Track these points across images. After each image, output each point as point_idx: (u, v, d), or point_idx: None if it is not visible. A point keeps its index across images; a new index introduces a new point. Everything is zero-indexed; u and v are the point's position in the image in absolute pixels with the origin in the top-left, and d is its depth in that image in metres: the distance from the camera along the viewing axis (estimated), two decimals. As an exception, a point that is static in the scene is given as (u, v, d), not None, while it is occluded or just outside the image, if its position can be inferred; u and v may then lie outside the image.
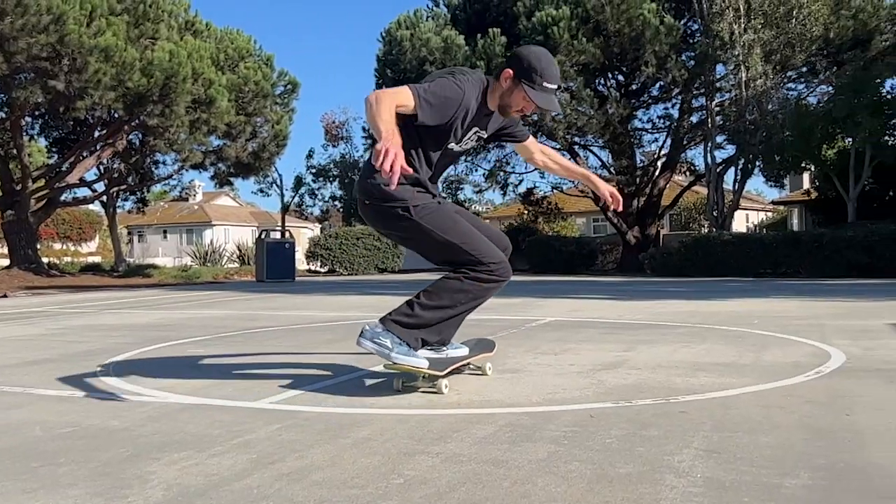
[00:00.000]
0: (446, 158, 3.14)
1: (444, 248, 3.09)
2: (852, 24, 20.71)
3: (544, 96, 2.94)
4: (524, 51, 3.03)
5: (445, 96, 2.85)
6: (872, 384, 3.08)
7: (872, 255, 15.08)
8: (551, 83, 2.94)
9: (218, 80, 17.48)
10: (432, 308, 3.08)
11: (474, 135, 3.09)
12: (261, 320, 6.80)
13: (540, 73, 2.91)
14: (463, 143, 3.08)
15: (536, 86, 2.91)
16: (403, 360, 2.95)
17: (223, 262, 25.60)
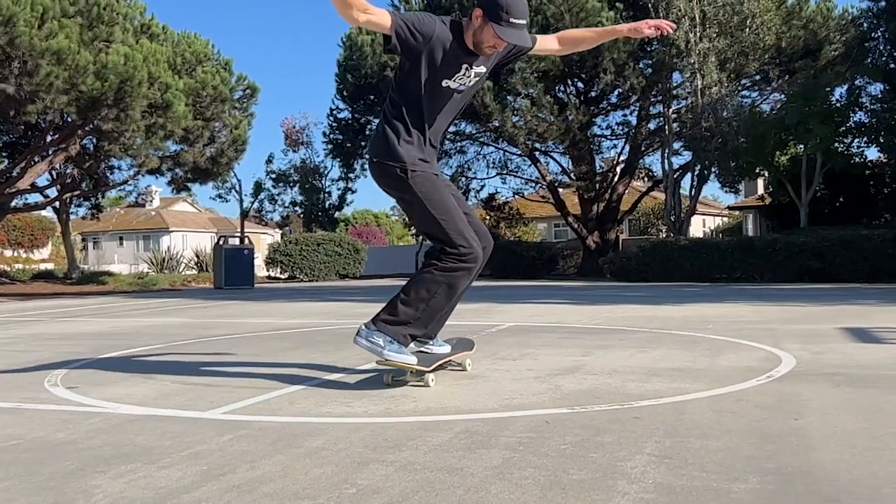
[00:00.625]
0: (446, 104, 3.20)
1: (426, 219, 3.24)
2: (803, 34, 21.31)
3: (512, 32, 3.03)
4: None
5: (419, 18, 3.05)
6: (820, 388, 3.15)
7: (824, 260, 15.46)
8: (519, 18, 3.03)
9: (175, 84, 17.19)
10: (412, 302, 3.24)
11: (469, 72, 3.16)
12: (217, 328, 6.69)
13: (506, 10, 3.00)
14: (457, 80, 3.14)
15: (504, 22, 3.00)
16: (395, 357, 3.18)
17: (181, 268, 25.19)
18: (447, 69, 3.10)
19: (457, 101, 3.26)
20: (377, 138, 3.26)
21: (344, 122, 25.90)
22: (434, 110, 3.19)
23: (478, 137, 26.32)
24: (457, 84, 3.16)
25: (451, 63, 3.10)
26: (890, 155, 20.48)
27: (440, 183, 3.26)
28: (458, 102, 3.28)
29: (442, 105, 3.21)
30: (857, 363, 3.81)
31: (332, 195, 28.43)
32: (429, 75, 3.10)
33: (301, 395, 3.25)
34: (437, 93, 3.15)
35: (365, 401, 3.07)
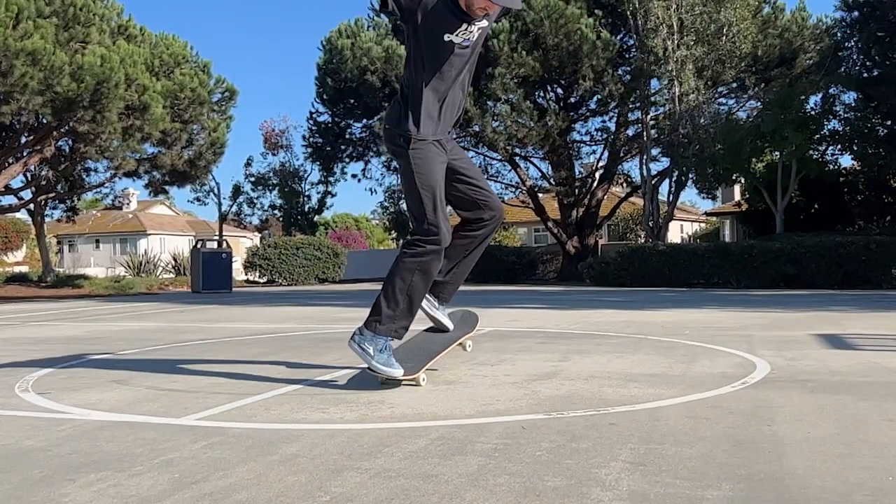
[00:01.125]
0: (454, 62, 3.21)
1: (411, 193, 3.33)
2: (779, 43, 21.59)
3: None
4: None
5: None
6: (793, 395, 3.18)
7: (799, 266, 15.64)
8: None
9: (152, 86, 17.04)
10: (391, 296, 3.36)
11: (471, 27, 3.17)
12: (193, 333, 6.63)
13: None
14: (460, 35, 3.16)
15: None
16: (381, 369, 3.29)
17: (158, 272, 24.93)
18: (446, 24, 3.14)
19: (463, 58, 3.26)
20: (392, 107, 3.41)
21: (324, 125, 25.82)
22: (442, 70, 3.22)
23: (458, 142, 26.22)
24: (460, 39, 3.19)
25: (450, 20, 3.14)
26: (863, 163, 20.79)
27: (437, 163, 3.31)
28: (465, 61, 3.28)
29: (449, 63, 3.22)
30: (830, 370, 3.85)
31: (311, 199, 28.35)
32: (429, 33, 3.16)
33: (276, 402, 3.22)
34: (441, 49, 3.18)
35: (341, 407, 3.06)
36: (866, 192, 22.38)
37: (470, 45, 3.25)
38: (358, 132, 25.90)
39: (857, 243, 15.39)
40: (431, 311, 3.78)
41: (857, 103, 18.97)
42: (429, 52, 3.21)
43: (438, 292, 3.75)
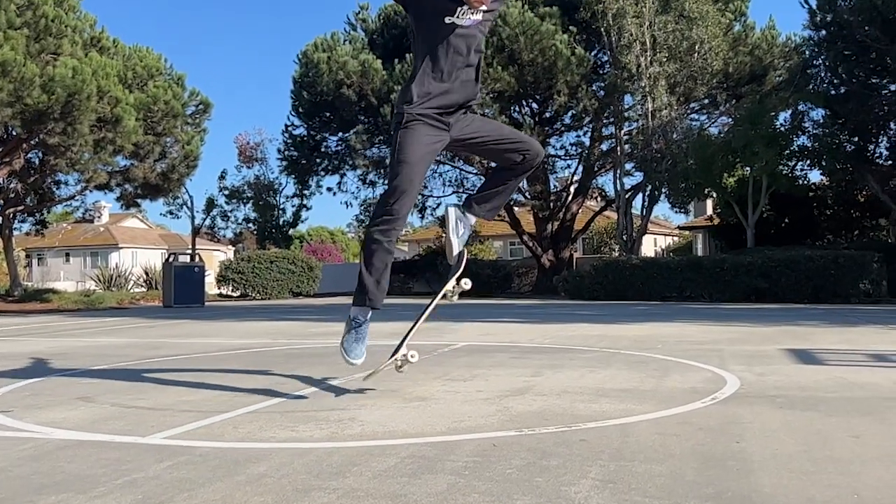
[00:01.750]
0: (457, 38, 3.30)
1: (391, 163, 3.44)
2: (749, 60, 22.00)
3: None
4: None
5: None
6: (762, 411, 3.20)
7: (769, 280, 15.84)
8: None
9: (125, 98, 16.89)
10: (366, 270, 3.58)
11: (470, 11, 3.28)
12: (163, 349, 6.53)
13: None
14: (460, 16, 3.26)
15: None
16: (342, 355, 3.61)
17: (129, 286, 24.58)
18: (445, 6, 3.26)
19: (467, 39, 3.35)
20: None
21: (299, 138, 25.75)
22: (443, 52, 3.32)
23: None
24: (461, 20, 3.28)
25: (447, 4, 3.26)
26: (832, 178, 21.19)
27: (420, 144, 3.37)
28: (469, 42, 3.37)
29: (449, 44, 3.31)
30: (798, 385, 3.89)
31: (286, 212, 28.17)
32: (430, 16, 3.31)
33: (245, 419, 3.17)
34: (442, 31, 3.29)
35: (311, 425, 3.02)
36: (835, 207, 22.81)
37: (472, 25, 3.33)
38: (334, 145, 25.89)
39: (826, 257, 15.64)
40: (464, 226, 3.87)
41: (825, 120, 19.33)
42: (428, 34, 3.33)
43: (468, 207, 3.86)
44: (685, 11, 19.90)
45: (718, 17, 20.69)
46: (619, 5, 19.99)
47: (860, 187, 21.08)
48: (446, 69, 3.34)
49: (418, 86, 3.35)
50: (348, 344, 3.60)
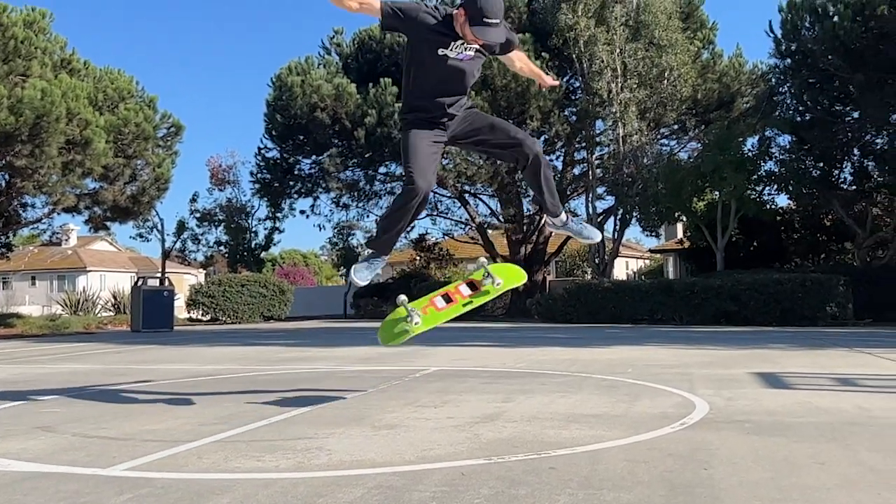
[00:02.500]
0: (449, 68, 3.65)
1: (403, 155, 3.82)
2: (717, 87, 22.43)
3: (488, 30, 3.52)
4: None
5: (405, 3, 3.59)
6: (730, 436, 3.22)
7: (739, 303, 16.02)
8: (492, 18, 3.50)
9: (95, 120, 16.70)
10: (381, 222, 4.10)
11: (461, 45, 3.61)
12: (129, 375, 6.41)
13: (482, 13, 3.48)
14: (454, 50, 3.61)
15: (479, 24, 3.49)
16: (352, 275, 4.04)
17: (97, 310, 24.16)
18: (440, 40, 3.58)
19: (460, 69, 3.69)
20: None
21: (272, 161, 25.63)
22: (432, 76, 3.69)
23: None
24: (454, 53, 3.63)
25: (444, 38, 3.58)
26: (798, 202, 21.58)
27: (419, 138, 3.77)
28: (460, 73, 3.72)
29: (442, 72, 3.66)
30: (766, 410, 3.92)
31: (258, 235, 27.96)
32: (424, 49, 3.63)
33: (210, 449, 3.11)
34: (436, 60, 3.62)
35: (277, 454, 2.97)
36: (802, 231, 23.20)
37: (464, 59, 3.67)
38: (307, 168, 25.80)
39: (794, 280, 15.87)
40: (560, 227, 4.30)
41: (791, 146, 19.71)
42: (420, 59, 3.68)
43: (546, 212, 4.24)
44: (655, 39, 20.27)
45: (687, 45, 21.09)
46: (590, 33, 20.30)
47: (826, 212, 21.49)
48: (428, 92, 3.72)
49: (405, 101, 3.90)
50: (360, 269, 4.04)
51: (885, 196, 20.38)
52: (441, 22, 3.59)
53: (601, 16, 20.58)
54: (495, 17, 3.52)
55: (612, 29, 20.33)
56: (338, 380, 5.72)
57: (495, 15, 3.52)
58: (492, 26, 3.52)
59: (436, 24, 3.58)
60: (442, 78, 3.69)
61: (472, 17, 3.50)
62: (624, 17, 20.47)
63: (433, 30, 3.58)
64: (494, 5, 3.52)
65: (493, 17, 3.51)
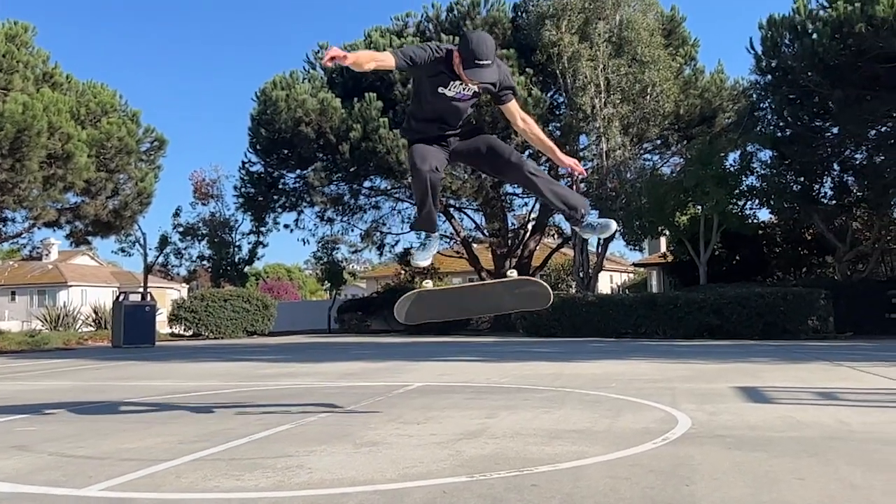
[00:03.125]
0: (447, 104, 3.98)
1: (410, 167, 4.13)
2: (699, 103, 22.65)
3: (479, 71, 3.80)
4: (462, 39, 3.89)
5: (414, 50, 3.87)
6: (712, 451, 3.22)
7: (721, 317, 16.11)
8: (483, 60, 3.78)
9: (77, 134, 16.60)
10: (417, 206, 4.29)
11: (465, 85, 3.91)
12: (108, 392, 6.33)
13: (474, 57, 3.76)
14: (452, 89, 3.92)
15: (471, 66, 3.77)
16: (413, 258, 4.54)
17: (77, 325, 23.89)
18: (441, 80, 3.89)
19: (456, 106, 4.02)
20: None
21: (256, 175, 25.56)
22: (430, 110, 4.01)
23: (393, 193, 26.50)
24: (452, 93, 3.94)
25: (444, 79, 3.88)
26: (779, 216, 21.78)
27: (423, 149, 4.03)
28: (456, 110, 4.04)
29: (441, 106, 3.99)
30: (748, 424, 3.93)
31: (242, 249, 27.80)
32: (427, 85, 3.94)
33: (189, 468, 3.07)
34: (436, 97, 3.94)
35: (257, 473, 2.94)
36: (783, 245, 23.41)
37: (462, 98, 3.97)
38: (291, 182, 25.74)
39: (776, 294, 15.98)
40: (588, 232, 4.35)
41: (772, 161, 19.92)
42: (423, 93, 3.97)
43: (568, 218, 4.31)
44: (638, 55, 20.47)
45: (669, 62, 21.32)
46: (574, 49, 20.47)
47: (807, 226, 21.70)
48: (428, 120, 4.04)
49: (408, 120, 4.24)
50: (417, 252, 4.44)
51: (864, 210, 20.62)
52: (444, 61, 3.86)
53: (584, 32, 20.77)
54: (486, 58, 3.78)
55: (595, 45, 20.51)
56: (320, 396, 5.68)
57: (486, 56, 3.78)
58: (483, 67, 3.79)
59: (439, 66, 3.87)
60: (440, 112, 4.02)
61: (465, 60, 3.77)
62: (607, 34, 20.66)
63: (436, 71, 3.88)
64: (485, 47, 3.79)
65: (484, 58, 3.77)
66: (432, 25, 23.85)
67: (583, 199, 4.30)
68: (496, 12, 23.08)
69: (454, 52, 3.85)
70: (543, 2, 21.65)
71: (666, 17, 22.75)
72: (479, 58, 3.76)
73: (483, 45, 3.80)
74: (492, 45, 3.85)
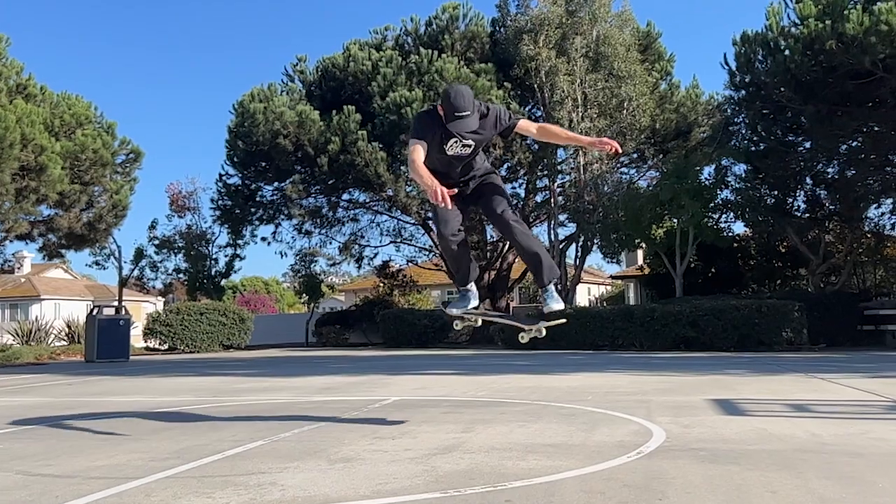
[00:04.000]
0: (449, 159, 4.29)
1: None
2: (675, 117, 22.94)
3: (459, 123, 4.08)
4: (443, 94, 4.21)
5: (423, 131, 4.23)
6: (686, 465, 3.23)
7: (697, 329, 16.22)
8: (461, 111, 4.05)
9: (51, 146, 16.41)
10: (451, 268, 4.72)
11: (462, 141, 4.21)
12: (79, 408, 6.22)
13: (453, 110, 4.04)
14: (452, 149, 4.23)
15: (452, 119, 4.06)
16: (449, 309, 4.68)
17: (50, 340, 23.50)
18: (442, 139, 4.20)
19: (457, 159, 4.32)
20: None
21: (233, 187, 25.38)
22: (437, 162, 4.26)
23: (372, 206, 26.46)
24: (453, 152, 4.25)
25: (444, 137, 4.19)
26: (754, 229, 22.04)
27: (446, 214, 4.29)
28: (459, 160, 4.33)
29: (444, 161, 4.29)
30: (722, 437, 3.96)
31: (218, 262, 27.53)
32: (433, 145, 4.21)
33: (159, 486, 3.03)
34: (439, 152, 4.24)
35: (228, 490, 2.90)
36: (758, 258, 23.68)
37: (464, 153, 4.28)
38: (269, 195, 25.59)
39: (750, 306, 16.12)
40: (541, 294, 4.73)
41: (746, 174, 20.16)
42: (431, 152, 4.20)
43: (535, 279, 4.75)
44: (614, 70, 20.68)
45: (646, 76, 21.57)
46: (551, 63, 20.65)
47: (781, 239, 21.97)
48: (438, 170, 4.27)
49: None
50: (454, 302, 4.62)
51: (836, 223, 20.94)
52: (438, 121, 4.17)
53: (562, 47, 20.96)
54: (464, 109, 4.06)
55: (572, 60, 20.70)
56: (296, 411, 5.63)
57: (463, 108, 4.06)
58: (464, 118, 4.07)
59: (435, 127, 4.19)
60: (445, 164, 4.31)
61: (447, 114, 4.07)
62: (584, 49, 20.86)
63: (435, 132, 4.20)
64: (462, 99, 4.06)
65: (461, 110, 4.05)
66: (411, 39, 23.93)
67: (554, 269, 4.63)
68: (474, 27, 23.21)
69: (438, 107, 4.18)
70: (521, 17, 21.85)
71: (642, 32, 23.03)
72: (458, 110, 4.03)
73: (460, 97, 4.06)
74: (468, 95, 4.11)
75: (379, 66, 21.95)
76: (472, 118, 4.11)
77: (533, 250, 4.47)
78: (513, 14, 22.37)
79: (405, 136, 20.52)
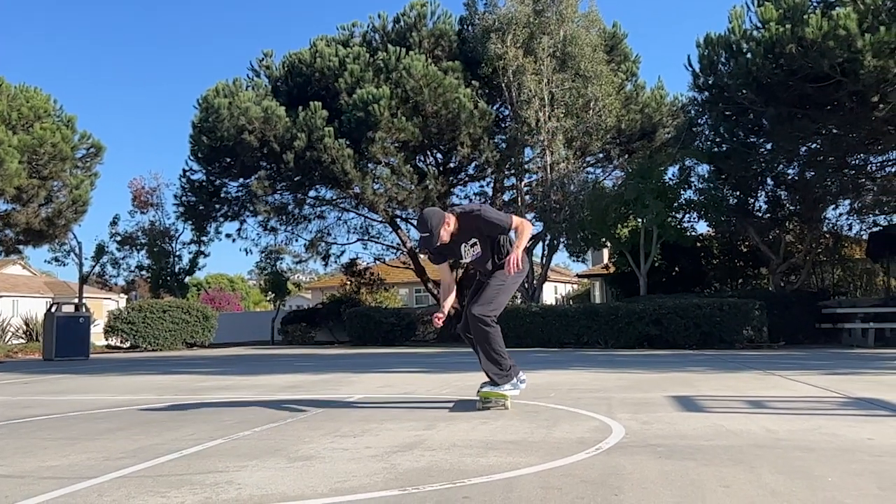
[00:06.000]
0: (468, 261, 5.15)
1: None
2: (640, 118, 23.20)
3: (423, 242, 4.84)
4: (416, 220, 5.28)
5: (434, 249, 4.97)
6: (643, 461, 3.27)
7: (661, 327, 16.45)
8: (424, 232, 4.78)
9: (7, 140, 16.05)
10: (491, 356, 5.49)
11: (465, 247, 5.03)
12: (35, 408, 6.09)
13: (421, 233, 4.80)
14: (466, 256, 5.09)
15: (422, 239, 4.82)
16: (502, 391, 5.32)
17: (7, 338, 22.98)
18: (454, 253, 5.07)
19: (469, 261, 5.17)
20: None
21: (197, 183, 25.05)
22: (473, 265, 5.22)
23: (338, 203, 26.32)
24: (465, 258, 5.10)
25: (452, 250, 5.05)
26: (716, 229, 22.38)
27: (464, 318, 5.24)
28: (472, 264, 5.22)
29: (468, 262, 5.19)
30: (680, 433, 4.01)
31: (182, 259, 27.17)
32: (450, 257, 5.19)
33: (113, 485, 2.97)
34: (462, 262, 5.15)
35: (184, 489, 2.86)
36: (720, 257, 24.07)
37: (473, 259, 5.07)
38: (234, 191, 25.31)
39: (712, 305, 16.39)
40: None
41: (709, 175, 20.46)
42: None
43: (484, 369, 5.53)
44: (581, 70, 20.84)
45: (612, 77, 21.77)
46: (518, 63, 20.73)
47: (742, 238, 22.36)
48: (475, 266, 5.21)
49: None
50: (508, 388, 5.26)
51: (796, 224, 21.37)
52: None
53: (529, 46, 21.06)
54: (424, 231, 4.76)
55: (539, 60, 20.81)
56: (258, 409, 5.58)
57: (423, 230, 4.77)
58: (427, 239, 4.77)
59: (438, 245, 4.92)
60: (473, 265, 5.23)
61: (419, 242, 4.87)
62: (551, 49, 20.98)
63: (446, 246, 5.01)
64: (422, 225, 4.79)
65: (423, 232, 4.77)
66: (379, 36, 23.85)
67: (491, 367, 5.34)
68: (442, 24, 23.21)
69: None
70: (489, 15, 21.90)
71: (608, 33, 23.25)
72: (421, 233, 4.78)
73: (421, 224, 4.80)
74: (428, 219, 4.78)
75: (346, 63, 21.84)
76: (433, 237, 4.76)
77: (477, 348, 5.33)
78: (480, 12, 22.42)
79: (371, 132, 20.48)
